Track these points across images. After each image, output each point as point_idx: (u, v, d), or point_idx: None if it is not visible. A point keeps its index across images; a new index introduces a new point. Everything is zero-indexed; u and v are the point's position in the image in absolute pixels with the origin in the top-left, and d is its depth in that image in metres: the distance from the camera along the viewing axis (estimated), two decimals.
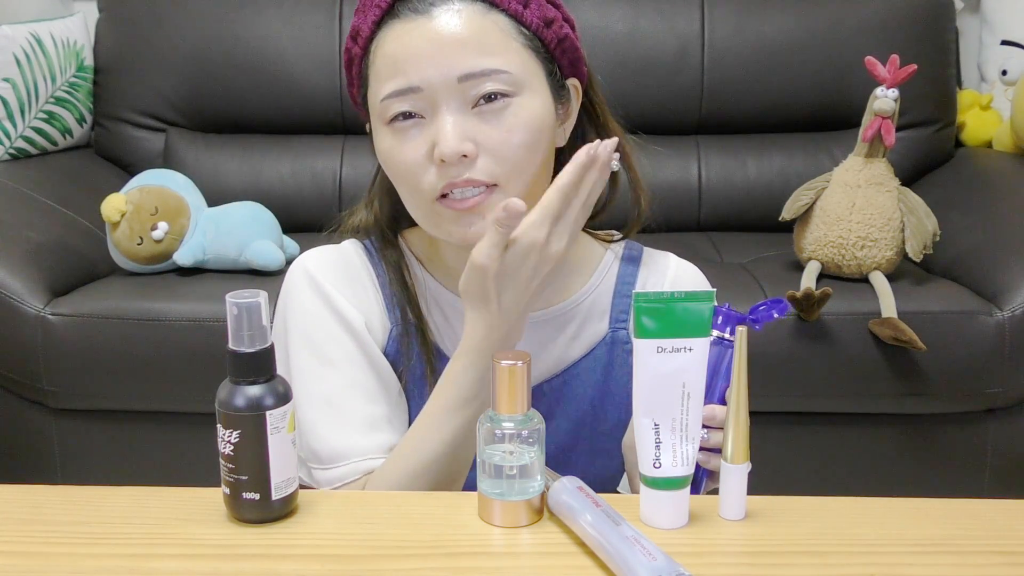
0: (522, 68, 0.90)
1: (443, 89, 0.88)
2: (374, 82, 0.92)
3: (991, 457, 1.95)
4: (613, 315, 1.02)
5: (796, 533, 0.77)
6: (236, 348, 0.76)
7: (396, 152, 0.90)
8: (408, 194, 0.93)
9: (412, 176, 0.90)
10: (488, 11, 0.90)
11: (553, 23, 0.93)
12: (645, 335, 0.75)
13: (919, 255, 1.93)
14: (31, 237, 2.04)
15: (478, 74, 0.88)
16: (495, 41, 0.89)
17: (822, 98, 2.45)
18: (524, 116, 0.89)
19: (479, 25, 0.89)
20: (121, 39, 2.52)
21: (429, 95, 0.88)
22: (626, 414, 1.00)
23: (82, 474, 2.00)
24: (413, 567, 0.73)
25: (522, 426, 0.77)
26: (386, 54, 0.90)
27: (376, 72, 0.91)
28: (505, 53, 0.89)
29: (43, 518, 0.80)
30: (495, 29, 0.89)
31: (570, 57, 0.96)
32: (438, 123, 0.88)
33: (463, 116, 0.88)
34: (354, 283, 1.00)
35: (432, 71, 0.88)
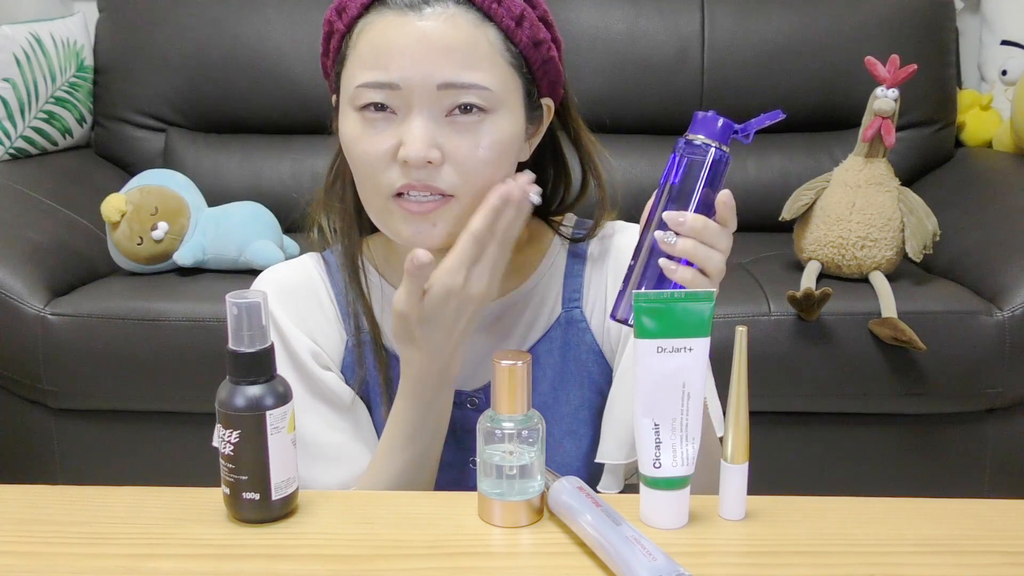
0: (503, 86, 0.89)
1: (421, 92, 0.87)
2: (352, 64, 0.90)
3: (991, 457, 1.95)
4: (565, 295, 1.02)
5: (796, 533, 0.77)
6: (236, 348, 0.76)
7: (361, 142, 0.90)
8: (364, 185, 0.93)
9: (372, 169, 0.90)
10: (481, 22, 0.89)
11: (541, 45, 0.93)
12: (645, 335, 0.75)
13: (919, 255, 1.93)
14: (31, 237, 2.04)
15: (459, 85, 0.87)
16: (482, 55, 0.88)
17: (822, 98, 2.45)
18: (495, 135, 0.89)
19: (470, 35, 0.88)
20: (121, 39, 2.52)
21: (406, 94, 0.87)
22: (589, 391, 1.01)
23: (82, 474, 2.00)
24: (413, 567, 0.73)
25: (522, 426, 0.77)
26: (370, 42, 0.89)
27: (357, 56, 0.90)
28: (490, 69, 0.88)
29: (43, 518, 0.80)
30: (485, 42, 0.89)
31: (551, 78, 0.96)
32: (409, 124, 0.87)
33: (435, 122, 0.88)
34: (309, 302, 1.01)
35: (413, 72, 0.87)
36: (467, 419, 0.99)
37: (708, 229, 0.82)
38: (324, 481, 0.96)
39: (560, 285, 1.02)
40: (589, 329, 1.01)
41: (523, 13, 0.91)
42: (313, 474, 0.96)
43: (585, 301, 1.02)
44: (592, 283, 1.02)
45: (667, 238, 0.82)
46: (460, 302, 0.87)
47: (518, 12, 0.90)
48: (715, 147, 0.84)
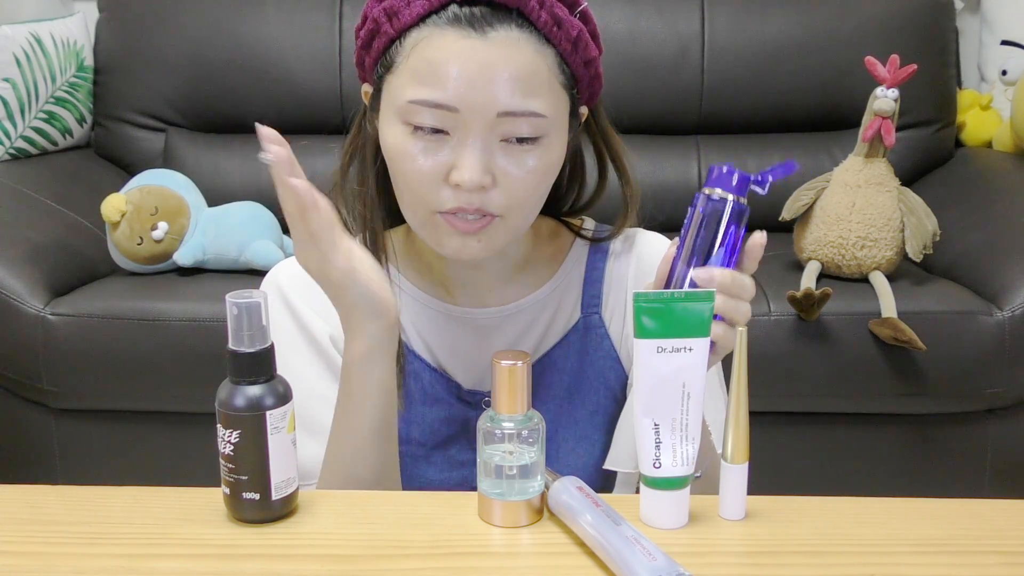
0: (556, 111, 0.89)
1: (480, 118, 0.85)
2: (404, 75, 0.88)
3: (991, 457, 1.95)
4: (585, 301, 1.02)
5: (796, 533, 0.77)
6: (236, 348, 0.76)
7: (412, 160, 0.88)
8: (410, 198, 0.91)
9: (422, 187, 0.88)
10: (542, 46, 0.87)
11: (592, 63, 0.92)
12: (645, 335, 0.75)
13: (919, 255, 1.93)
14: (31, 237, 2.04)
15: (519, 113, 0.86)
16: (542, 80, 0.87)
17: (822, 98, 2.45)
18: (545, 160, 0.89)
19: (531, 60, 0.86)
20: (121, 39, 2.52)
21: (464, 118, 0.85)
22: (604, 397, 1.01)
23: (82, 474, 2.00)
24: (413, 567, 0.73)
25: (522, 426, 0.77)
26: (428, 58, 0.86)
27: (411, 68, 0.87)
28: (548, 94, 0.87)
29: (43, 518, 0.80)
30: (544, 67, 0.87)
31: (593, 91, 0.96)
32: (464, 150, 0.86)
33: (489, 148, 0.87)
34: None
35: (475, 99, 0.85)
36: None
37: (736, 282, 0.82)
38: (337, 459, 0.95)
39: (579, 290, 1.02)
40: (607, 335, 1.01)
41: (579, 34, 0.89)
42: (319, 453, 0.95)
43: (604, 307, 1.01)
44: (612, 289, 1.02)
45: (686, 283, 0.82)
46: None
47: (575, 35, 0.89)
48: (733, 199, 0.85)
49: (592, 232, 1.04)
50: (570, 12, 0.89)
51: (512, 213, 0.89)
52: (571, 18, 0.88)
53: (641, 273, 1.02)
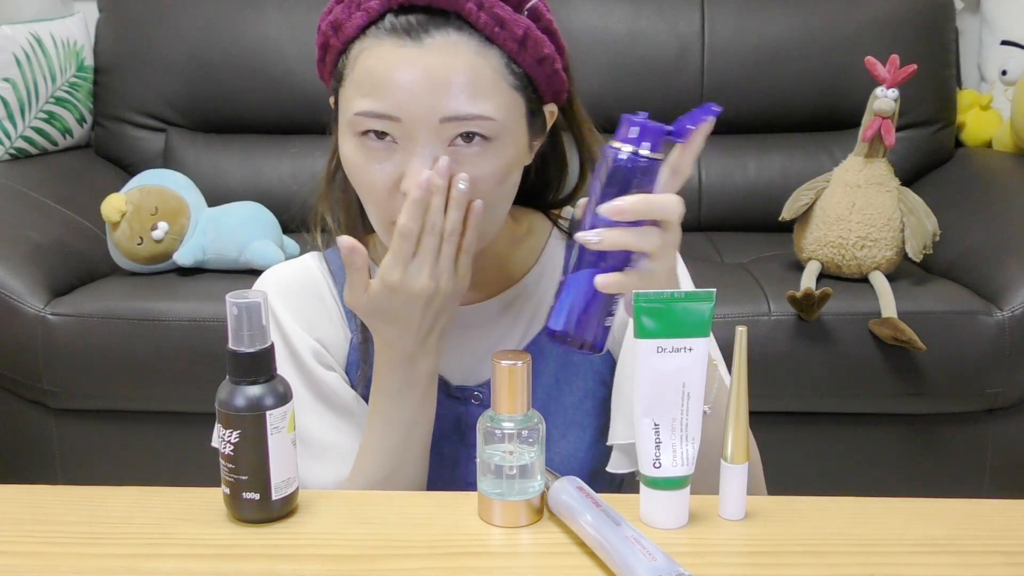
0: (506, 113, 0.87)
1: (423, 126, 0.84)
2: (351, 88, 0.88)
3: (991, 457, 1.95)
4: None
5: (796, 533, 0.77)
6: (236, 348, 0.76)
7: (363, 171, 0.88)
8: (368, 207, 0.92)
9: (376, 197, 0.89)
10: (483, 48, 0.85)
11: (545, 61, 0.90)
12: (645, 335, 0.75)
13: (919, 255, 1.93)
14: (31, 237, 2.04)
15: (463, 117, 0.84)
16: (486, 84, 0.85)
17: (822, 98, 2.45)
18: (498, 162, 0.87)
19: (472, 65, 0.85)
20: (121, 39, 2.52)
21: (407, 127, 0.85)
22: (592, 381, 1.00)
23: (82, 474, 2.00)
24: (413, 567, 0.73)
25: (522, 426, 0.77)
26: (368, 69, 0.86)
27: (354, 80, 0.87)
28: (494, 96, 0.86)
29: (43, 518, 0.80)
30: (488, 70, 0.85)
31: (555, 88, 0.93)
32: (411, 158, 0.85)
33: (436, 156, 0.85)
34: (311, 300, 1.01)
35: (415, 107, 0.84)
36: (471, 414, 0.99)
37: (652, 206, 0.79)
38: (322, 479, 0.96)
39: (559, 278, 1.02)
40: None
41: (527, 32, 0.87)
42: (313, 472, 0.96)
43: None
44: None
45: (588, 236, 0.80)
46: (405, 299, 0.86)
47: (521, 32, 0.87)
48: (636, 155, 0.81)
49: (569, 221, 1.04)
50: (516, 11, 0.87)
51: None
52: (517, 17, 0.87)
53: None
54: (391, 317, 0.88)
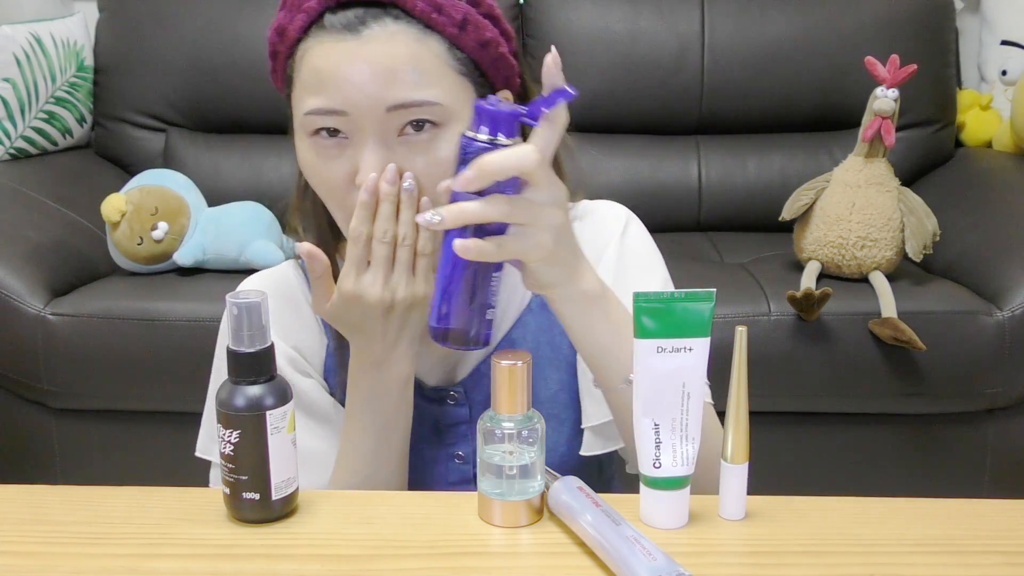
0: (453, 98, 0.87)
1: (370, 117, 0.85)
2: (299, 90, 0.89)
3: (991, 457, 1.95)
4: None
5: (796, 533, 0.77)
6: (236, 348, 0.76)
7: (318, 170, 0.89)
8: (332, 209, 0.92)
9: (334, 195, 0.89)
10: (423, 35, 0.86)
11: (489, 44, 0.90)
12: (645, 335, 0.75)
13: (919, 255, 1.93)
14: (31, 237, 2.04)
15: (408, 104, 0.85)
16: (428, 69, 0.86)
17: (822, 98, 2.45)
18: (450, 149, 0.86)
19: (413, 52, 0.85)
20: (121, 39, 2.52)
21: (355, 119, 0.85)
22: (566, 374, 1.00)
23: (82, 474, 2.00)
24: (413, 567, 0.73)
25: (522, 426, 0.77)
26: (312, 68, 0.87)
27: (301, 81, 0.89)
28: (438, 83, 0.86)
29: (43, 518, 0.80)
30: (429, 56, 0.86)
31: (504, 73, 0.93)
32: (362, 150, 0.86)
33: (387, 146, 0.86)
34: (287, 308, 1.01)
35: (360, 98, 0.84)
36: (448, 414, 0.99)
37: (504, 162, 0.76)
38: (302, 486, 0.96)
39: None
40: None
41: (466, 17, 0.87)
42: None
43: None
44: None
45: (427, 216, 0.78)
46: (362, 309, 0.85)
47: (460, 17, 0.87)
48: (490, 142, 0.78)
49: None
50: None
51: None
52: (455, 2, 0.87)
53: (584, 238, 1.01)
54: (353, 326, 0.87)
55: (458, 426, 0.99)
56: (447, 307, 0.80)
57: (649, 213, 1.04)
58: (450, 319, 0.80)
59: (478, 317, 0.81)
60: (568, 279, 0.82)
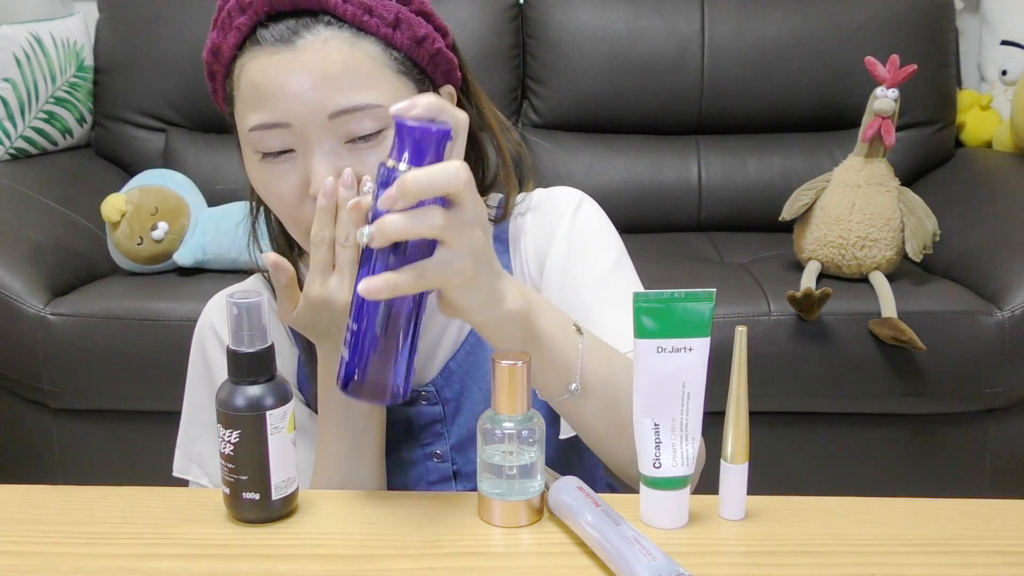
0: (394, 97, 0.86)
1: (313, 125, 0.84)
2: (240, 106, 0.89)
3: (991, 457, 1.95)
4: None
5: (796, 533, 0.77)
6: (236, 348, 0.76)
7: (269, 185, 0.88)
8: (285, 222, 0.92)
9: (288, 209, 0.89)
10: (356, 39, 0.86)
11: (424, 41, 0.89)
12: (645, 335, 0.75)
13: (919, 255, 1.93)
14: (31, 237, 2.04)
15: (350, 109, 0.84)
16: (366, 73, 0.85)
17: (822, 98, 2.45)
18: None
19: (348, 56, 0.85)
20: (121, 39, 2.52)
21: (299, 130, 0.85)
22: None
23: (82, 474, 2.00)
24: (413, 567, 0.73)
25: (522, 426, 0.77)
26: (251, 83, 0.86)
27: (242, 97, 0.88)
28: (377, 85, 0.86)
29: (43, 518, 0.80)
30: (365, 59, 0.86)
31: (443, 68, 0.93)
32: (311, 161, 0.85)
33: (335, 153, 0.86)
34: None
35: (301, 108, 0.84)
36: (423, 414, 0.99)
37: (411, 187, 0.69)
38: None
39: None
40: None
41: (398, 15, 0.87)
42: None
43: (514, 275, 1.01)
44: (515, 261, 1.01)
45: (360, 238, 0.71)
46: (331, 313, 0.84)
47: (392, 17, 0.87)
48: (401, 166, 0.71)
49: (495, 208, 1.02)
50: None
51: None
52: (386, 2, 0.87)
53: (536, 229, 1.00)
54: (322, 331, 0.86)
55: (432, 425, 0.99)
56: (361, 359, 0.73)
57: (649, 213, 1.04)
58: (366, 373, 0.73)
59: (398, 366, 0.74)
60: (487, 302, 0.76)
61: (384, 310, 0.73)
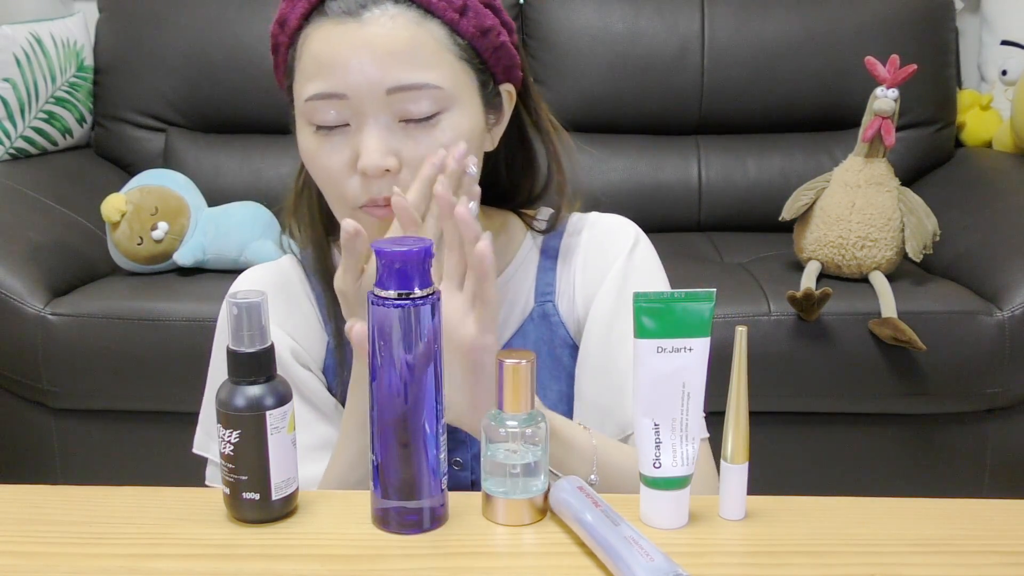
0: (454, 82, 0.87)
1: (370, 99, 0.85)
2: (300, 78, 0.89)
3: (991, 457, 1.95)
4: (539, 290, 1.01)
5: (796, 533, 0.77)
6: (236, 348, 0.76)
7: (319, 157, 0.89)
8: (329, 197, 0.92)
9: (335, 183, 0.89)
10: (423, 19, 0.86)
11: (490, 32, 0.90)
12: (645, 335, 0.75)
13: (919, 255, 1.93)
14: (31, 237, 2.04)
15: (408, 87, 0.85)
16: (428, 53, 0.86)
17: (822, 98, 2.45)
18: (452, 133, 0.87)
19: (412, 35, 0.85)
20: (121, 39, 2.52)
21: (355, 103, 0.85)
22: (566, 385, 1.00)
23: (82, 474, 2.00)
24: (413, 567, 0.73)
25: (525, 425, 0.77)
26: (312, 53, 0.87)
27: (302, 68, 0.89)
28: (438, 66, 0.86)
29: (43, 518, 0.80)
30: (429, 39, 0.86)
31: (505, 64, 0.93)
32: (362, 134, 0.86)
33: (388, 129, 0.86)
34: (288, 302, 1.00)
35: (360, 80, 0.84)
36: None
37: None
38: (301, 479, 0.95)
39: (533, 279, 1.01)
40: (562, 323, 1.01)
41: (466, 2, 0.88)
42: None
43: (558, 295, 1.01)
44: (562, 278, 1.02)
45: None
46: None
47: (460, 3, 0.87)
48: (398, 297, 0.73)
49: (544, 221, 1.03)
50: None
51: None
52: None
53: (590, 255, 1.01)
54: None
55: (455, 432, 0.99)
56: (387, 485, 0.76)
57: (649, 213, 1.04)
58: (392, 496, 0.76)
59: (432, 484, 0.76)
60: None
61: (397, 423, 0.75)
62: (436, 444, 0.77)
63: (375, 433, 0.76)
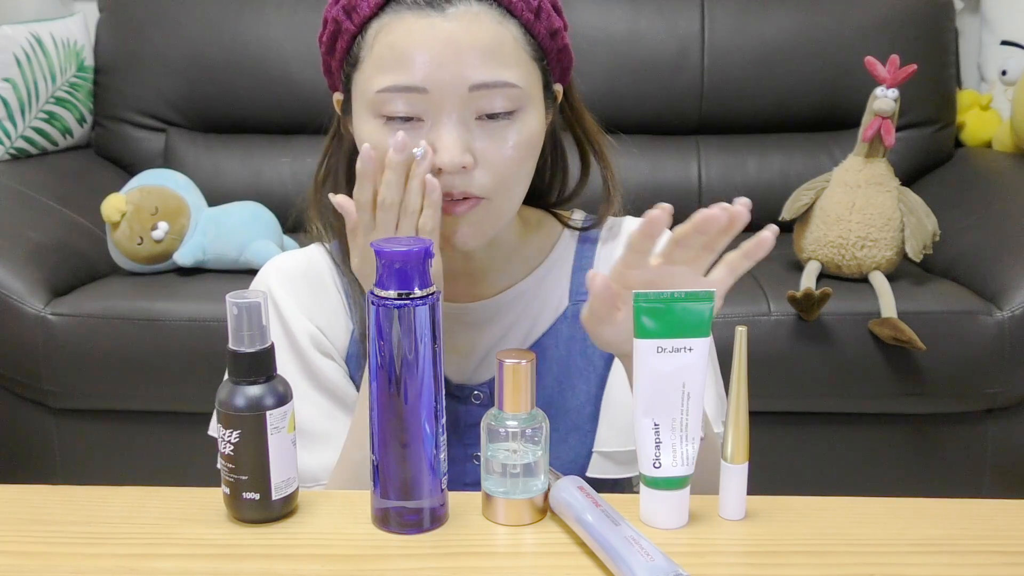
0: (528, 82, 0.88)
1: (451, 95, 0.85)
2: (370, 68, 0.87)
3: (991, 457, 1.95)
4: (573, 289, 1.01)
5: (796, 533, 0.77)
6: (236, 348, 0.76)
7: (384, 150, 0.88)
8: None
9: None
10: (503, 18, 0.87)
11: (557, 34, 0.91)
12: (645, 335, 0.75)
13: (919, 255, 1.93)
14: (31, 237, 2.04)
15: (491, 85, 0.85)
16: (509, 51, 0.86)
17: (822, 98, 2.45)
18: (525, 133, 0.88)
19: (495, 33, 0.86)
20: (121, 39, 2.52)
21: (435, 98, 0.85)
22: (595, 386, 1.00)
23: (82, 474, 2.00)
24: (413, 567, 0.73)
25: (526, 424, 0.77)
26: (391, 44, 0.86)
27: (375, 59, 0.87)
28: (517, 65, 0.87)
29: (43, 518, 0.80)
30: (510, 38, 0.87)
31: (564, 65, 0.95)
32: (440, 130, 0.85)
33: (466, 126, 0.86)
34: (315, 289, 1.00)
35: (443, 75, 0.84)
36: (471, 414, 0.98)
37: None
38: (315, 469, 0.95)
39: (568, 278, 1.01)
40: None
41: (540, 4, 0.89)
42: (303, 461, 0.94)
43: None
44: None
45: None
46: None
47: (536, 4, 0.88)
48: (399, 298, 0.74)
49: (580, 223, 1.04)
50: None
51: (498, 194, 0.89)
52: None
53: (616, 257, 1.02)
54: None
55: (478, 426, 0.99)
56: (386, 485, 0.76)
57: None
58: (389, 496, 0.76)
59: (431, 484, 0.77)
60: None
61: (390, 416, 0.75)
62: (436, 444, 0.77)
63: (375, 433, 0.76)
